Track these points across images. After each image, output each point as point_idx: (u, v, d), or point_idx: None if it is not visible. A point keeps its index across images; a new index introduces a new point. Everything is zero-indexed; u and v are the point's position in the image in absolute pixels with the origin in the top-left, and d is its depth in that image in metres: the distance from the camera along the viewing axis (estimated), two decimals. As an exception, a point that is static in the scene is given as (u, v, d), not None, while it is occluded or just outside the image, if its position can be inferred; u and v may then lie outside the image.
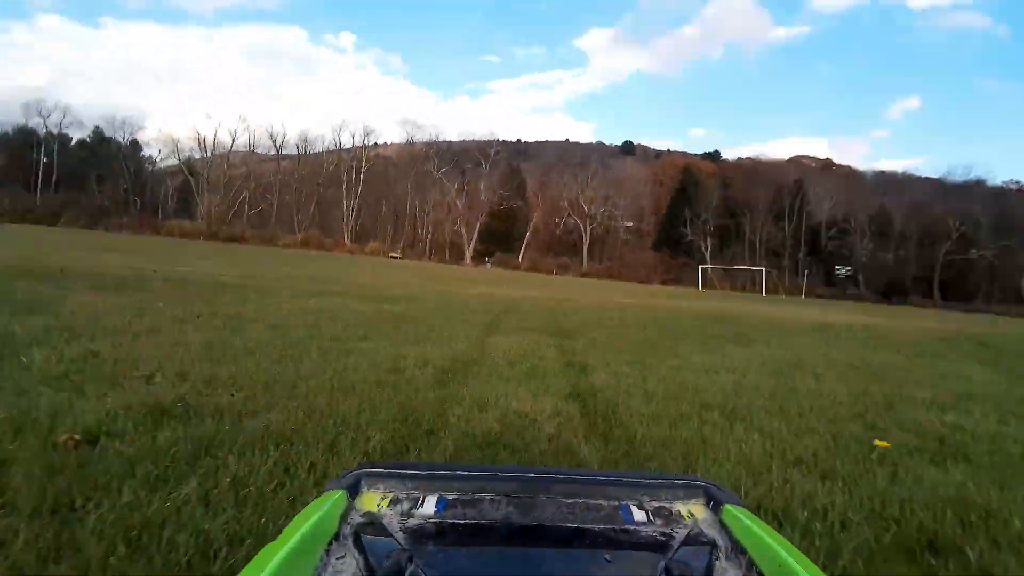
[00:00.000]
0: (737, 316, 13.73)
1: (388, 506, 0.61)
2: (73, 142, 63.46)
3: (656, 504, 0.63)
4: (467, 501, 0.61)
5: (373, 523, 0.57)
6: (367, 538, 0.54)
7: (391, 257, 51.43)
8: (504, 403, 3.37)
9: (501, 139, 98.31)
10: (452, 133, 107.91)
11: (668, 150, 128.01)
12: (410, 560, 0.51)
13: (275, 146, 63.86)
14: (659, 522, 0.59)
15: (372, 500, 0.62)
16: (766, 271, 49.86)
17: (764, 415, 3.66)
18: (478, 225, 58.71)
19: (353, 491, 0.62)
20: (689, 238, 57.20)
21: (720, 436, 3.08)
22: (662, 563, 0.52)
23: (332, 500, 0.58)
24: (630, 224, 61.57)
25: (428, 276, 23.29)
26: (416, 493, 0.63)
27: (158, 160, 64.01)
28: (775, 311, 18.26)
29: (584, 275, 50.58)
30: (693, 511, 0.62)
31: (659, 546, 0.56)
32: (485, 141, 69.83)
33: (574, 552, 0.55)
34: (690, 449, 2.82)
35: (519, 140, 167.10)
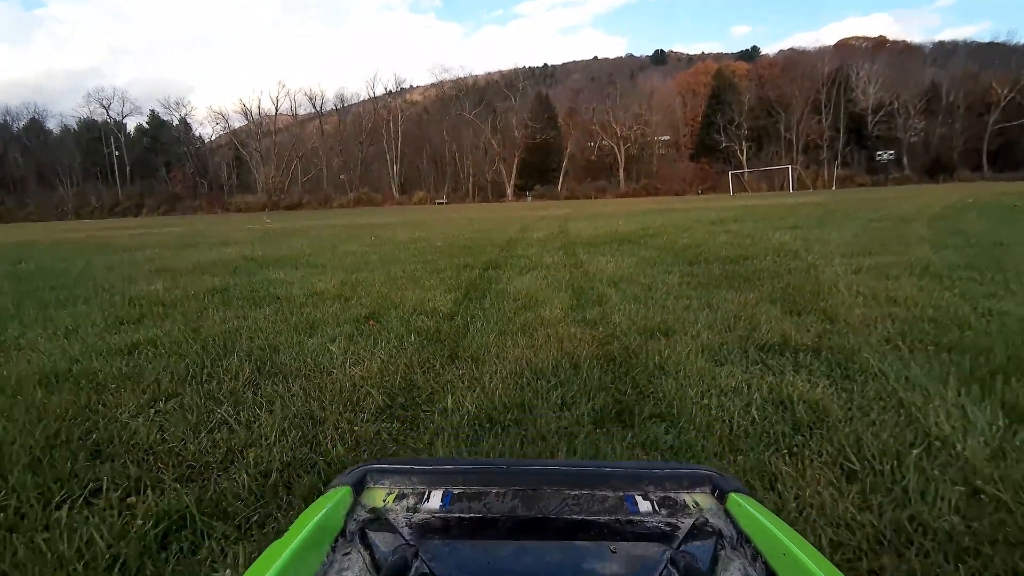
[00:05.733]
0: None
1: (394, 501, 0.61)
2: (131, 127, 66.07)
3: (661, 494, 0.62)
4: (472, 495, 0.62)
5: (379, 519, 0.58)
6: (373, 534, 0.54)
7: (437, 203, 53.73)
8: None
9: (527, 66, 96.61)
10: (478, 67, 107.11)
11: (703, 53, 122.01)
12: (416, 555, 0.51)
13: (314, 107, 66.80)
14: (664, 512, 0.59)
15: (378, 496, 0.62)
16: (792, 168, 49.52)
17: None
18: (515, 162, 60.28)
19: (358, 487, 0.62)
20: (724, 145, 57.02)
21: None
22: (667, 554, 0.52)
23: (338, 496, 0.58)
24: (665, 138, 61.25)
25: (478, 211, 26.52)
26: (421, 488, 0.63)
27: (211, 138, 67.90)
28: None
29: (622, 196, 51.44)
30: (699, 500, 0.62)
31: (664, 536, 0.56)
32: (511, 71, 69.84)
33: (579, 544, 0.56)
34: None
35: (545, 64, 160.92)
